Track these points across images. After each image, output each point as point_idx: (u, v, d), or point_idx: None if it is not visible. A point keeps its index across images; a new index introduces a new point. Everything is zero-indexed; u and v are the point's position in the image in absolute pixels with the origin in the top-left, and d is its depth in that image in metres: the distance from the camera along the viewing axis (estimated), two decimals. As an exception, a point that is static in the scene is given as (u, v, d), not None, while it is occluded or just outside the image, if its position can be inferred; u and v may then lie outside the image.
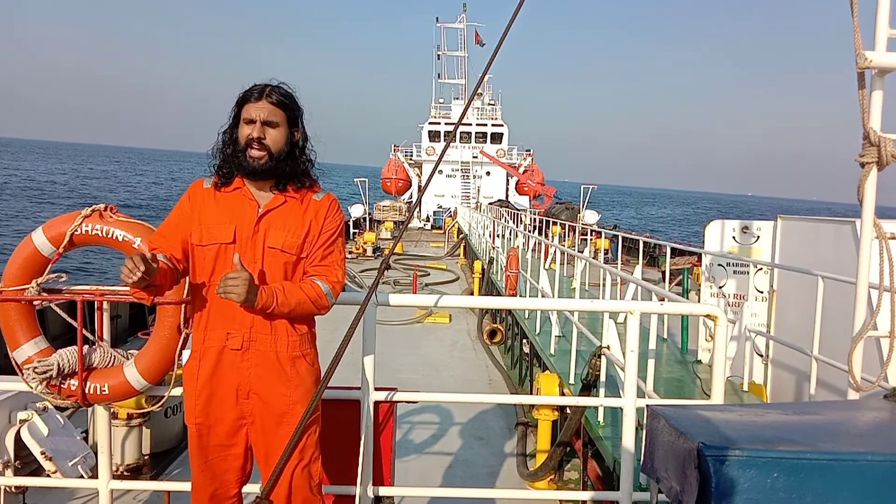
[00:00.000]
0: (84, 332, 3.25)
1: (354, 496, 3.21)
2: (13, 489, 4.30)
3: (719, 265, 8.40)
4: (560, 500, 6.69)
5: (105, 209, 3.31)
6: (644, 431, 2.38)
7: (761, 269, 7.75)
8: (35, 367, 3.17)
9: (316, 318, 2.89)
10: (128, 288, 2.52)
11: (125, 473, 6.67)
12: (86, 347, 3.25)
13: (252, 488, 2.87)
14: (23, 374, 3.23)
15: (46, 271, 3.29)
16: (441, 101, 54.04)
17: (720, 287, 8.38)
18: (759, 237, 8.20)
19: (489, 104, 53.27)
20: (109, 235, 3.26)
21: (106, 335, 3.41)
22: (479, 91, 49.97)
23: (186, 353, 2.85)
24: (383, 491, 3.50)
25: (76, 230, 3.24)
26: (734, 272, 8.30)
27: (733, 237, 8.41)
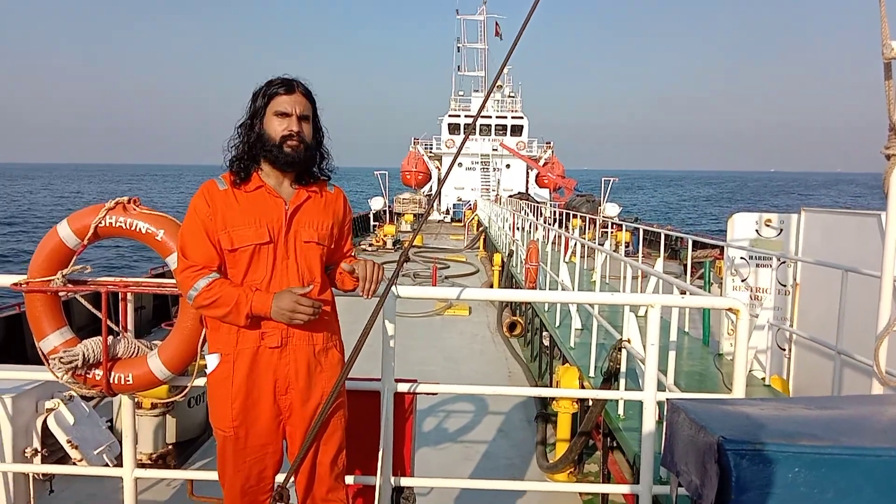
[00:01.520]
0: (108, 322, 3.30)
1: (375, 486, 3.24)
2: (41, 476, 4.37)
3: (742, 258, 8.33)
4: (580, 493, 6.70)
5: (128, 202, 3.35)
6: (664, 425, 2.37)
7: (784, 262, 7.67)
8: (61, 357, 3.22)
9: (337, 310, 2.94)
10: (151, 279, 2.56)
11: (149, 462, 6.77)
12: (110, 338, 3.29)
13: (280, 477, 2.90)
14: (49, 364, 3.29)
15: (71, 263, 3.33)
16: (461, 93, 53.94)
17: (743, 280, 8.31)
18: (781, 230, 8.11)
19: (509, 96, 53.05)
20: (133, 228, 3.29)
21: (130, 326, 3.45)
22: (499, 83, 49.95)
23: (211, 360, 2.77)
24: (403, 481, 3.52)
25: (100, 222, 3.28)
26: (757, 265, 8.23)
27: (756, 230, 8.32)
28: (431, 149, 52.28)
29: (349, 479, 3.30)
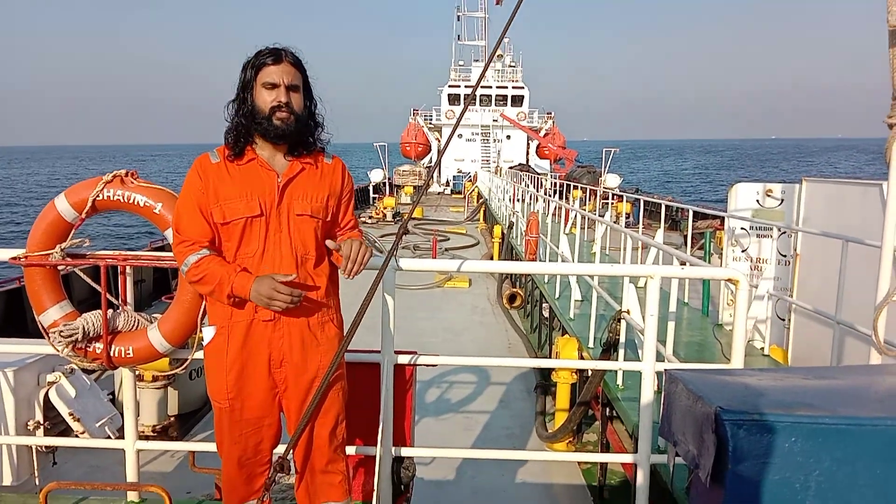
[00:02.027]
0: (108, 296, 3.30)
1: (375, 456, 3.26)
2: (43, 449, 4.41)
3: (742, 228, 8.32)
4: (579, 462, 6.76)
5: (126, 175, 3.33)
6: (663, 395, 2.38)
7: (785, 232, 7.65)
8: (61, 331, 3.23)
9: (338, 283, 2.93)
10: (150, 253, 2.56)
11: (152, 434, 6.83)
12: (110, 311, 3.30)
13: (280, 449, 2.92)
14: (49, 338, 3.29)
15: (70, 237, 3.32)
16: (461, 63, 53.46)
17: (743, 251, 8.30)
18: (782, 200, 8.09)
19: (510, 66, 52.60)
20: (131, 201, 3.28)
21: (130, 299, 3.45)
22: (500, 52, 49.49)
23: (208, 332, 2.79)
24: (404, 452, 3.55)
25: (98, 196, 3.26)
26: (757, 236, 8.22)
27: (756, 200, 8.30)
28: (431, 120, 51.97)
29: (350, 450, 3.33)
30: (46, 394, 4.47)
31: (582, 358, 7.07)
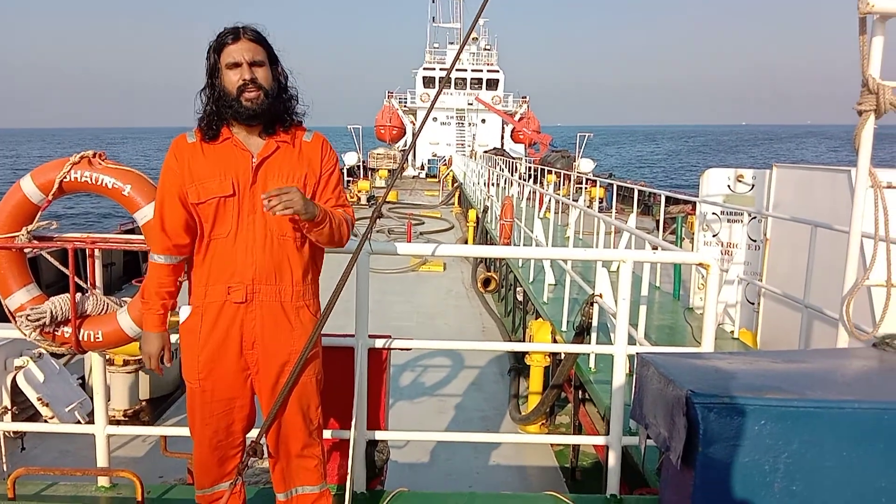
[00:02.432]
0: (77, 279, 3.24)
1: (349, 440, 3.26)
2: (11, 434, 4.35)
3: (713, 213, 8.41)
4: (551, 444, 6.83)
5: (94, 156, 3.26)
6: (634, 378, 2.40)
7: (755, 217, 7.75)
8: (28, 315, 3.17)
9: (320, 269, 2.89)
10: (119, 235, 2.52)
11: (122, 419, 6.77)
12: (78, 295, 3.24)
13: (254, 433, 2.90)
14: (16, 322, 3.23)
15: (36, 219, 3.26)
16: (436, 45, 53.13)
17: (714, 235, 8.40)
18: (753, 185, 8.18)
19: (485, 49, 52.38)
20: (98, 182, 3.21)
21: (99, 283, 3.40)
22: (475, 35, 49.23)
23: (185, 310, 2.79)
24: (378, 435, 3.55)
25: (65, 177, 3.19)
26: (728, 221, 8.31)
27: (727, 185, 8.39)
28: (406, 103, 51.65)
29: (324, 434, 3.32)
30: (14, 378, 4.41)
31: (555, 341, 7.13)
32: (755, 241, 7.83)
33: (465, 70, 49.37)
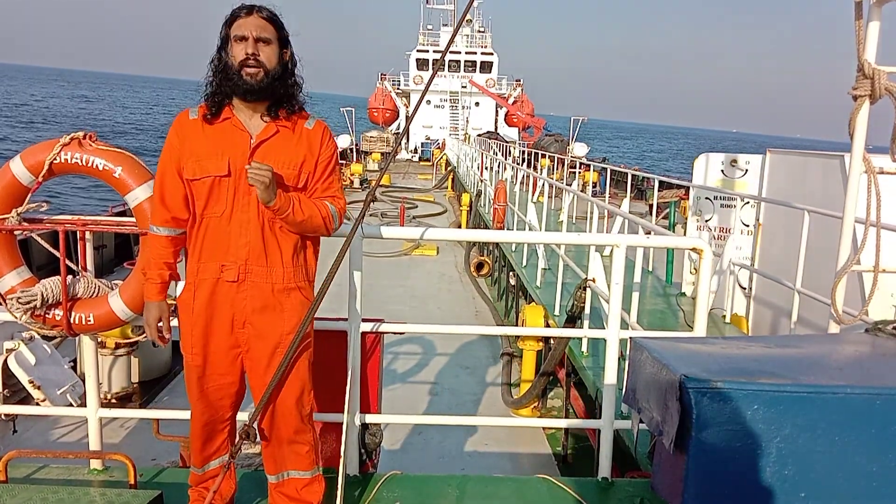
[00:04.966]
0: (67, 262, 3.22)
1: (342, 424, 3.26)
2: (3, 417, 4.34)
3: (706, 198, 8.41)
4: (543, 428, 6.86)
5: (84, 137, 3.22)
6: (627, 362, 2.40)
7: (748, 202, 7.76)
8: (19, 298, 3.15)
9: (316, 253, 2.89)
10: (110, 218, 2.51)
11: (114, 402, 6.76)
12: (69, 278, 3.22)
13: (245, 416, 2.91)
14: (6, 305, 3.21)
15: (26, 201, 3.23)
16: (430, 27, 52.70)
17: (706, 220, 8.42)
18: (746, 171, 8.19)
19: (479, 31, 52.00)
20: (89, 164, 3.18)
21: (90, 265, 3.38)
22: (469, 17, 48.89)
23: (180, 286, 2.84)
24: (370, 418, 3.55)
25: (55, 158, 3.16)
26: (721, 206, 8.33)
27: (721, 170, 8.39)
28: (399, 85, 51.33)
29: (317, 417, 3.32)
30: (5, 361, 4.39)
31: (548, 325, 7.14)
32: (748, 226, 7.85)
33: (459, 52, 49.03)
